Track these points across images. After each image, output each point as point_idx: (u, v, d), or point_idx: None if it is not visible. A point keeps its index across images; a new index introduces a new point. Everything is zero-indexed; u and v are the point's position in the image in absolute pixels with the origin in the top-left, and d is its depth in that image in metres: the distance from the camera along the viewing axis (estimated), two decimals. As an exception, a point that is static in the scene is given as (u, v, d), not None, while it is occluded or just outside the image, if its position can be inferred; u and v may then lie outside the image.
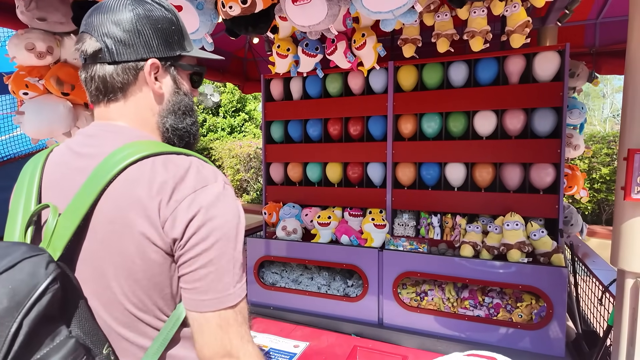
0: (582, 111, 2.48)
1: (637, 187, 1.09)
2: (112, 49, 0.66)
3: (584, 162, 4.50)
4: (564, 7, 2.33)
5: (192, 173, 0.63)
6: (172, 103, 0.74)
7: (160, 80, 0.72)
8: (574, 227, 2.52)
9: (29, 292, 0.50)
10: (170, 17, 0.72)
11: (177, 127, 0.74)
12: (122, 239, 0.61)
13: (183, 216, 0.60)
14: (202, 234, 0.61)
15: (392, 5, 1.32)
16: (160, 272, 0.63)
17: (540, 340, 2.11)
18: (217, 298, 0.62)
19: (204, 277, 0.62)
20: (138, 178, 0.61)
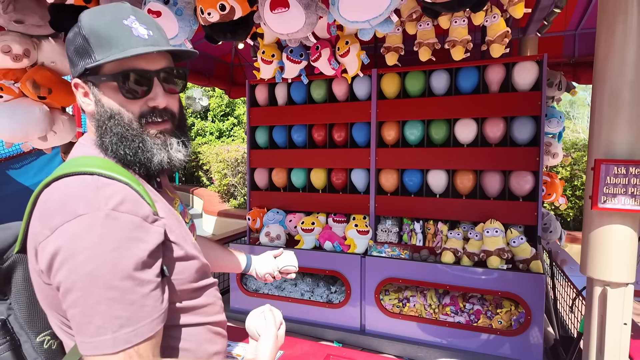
0: (560, 120, 2.53)
1: (604, 196, 1.11)
2: None
3: (565, 169, 4.58)
4: (543, 18, 2.39)
5: (78, 199, 0.58)
6: (96, 119, 0.69)
7: (90, 98, 0.69)
8: (553, 233, 2.56)
9: None
10: (75, 31, 0.67)
11: (103, 143, 0.68)
12: (30, 254, 0.64)
13: (50, 247, 0.57)
14: (63, 272, 0.56)
15: (368, 15, 1.34)
16: (48, 296, 0.63)
17: (520, 346, 2.13)
18: (91, 343, 0.55)
19: (73, 317, 0.57)
20: (40, 199, 0.62)
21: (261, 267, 1.15)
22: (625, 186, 1.12)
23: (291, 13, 1.39)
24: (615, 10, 1.20)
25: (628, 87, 1.18)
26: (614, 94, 1.19)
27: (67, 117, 1.99)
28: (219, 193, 7.12)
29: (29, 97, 1.84)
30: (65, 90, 1.88)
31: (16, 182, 5.71)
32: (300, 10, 1.39)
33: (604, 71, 1.21)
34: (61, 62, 1.90)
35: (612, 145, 1.17)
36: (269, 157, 2.96)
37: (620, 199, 1.13)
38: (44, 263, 0.58)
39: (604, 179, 1.12)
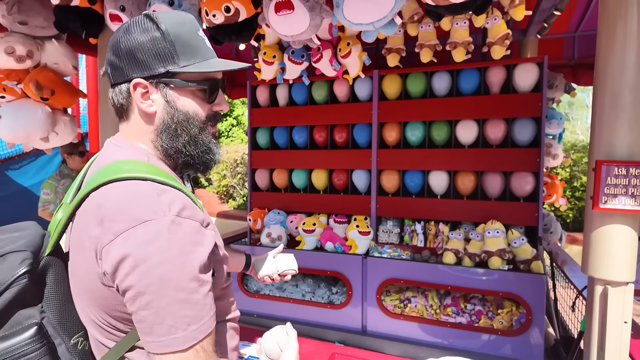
0: (560, 121, 2.54)
1: (605, 197, 1.13)
2: (109, 72, 0.72)
3: (565, 170, 4.60)
4: (543, 20, 2.41)
5: (140, 205, 0.60)
6: (164, 121, 0.72)
7: (152, 99, 0.71)
8: (553, 234, 2.58)
9: (2, 280, 0.62)
10: (154, 35, 0.69)
11: (169, 146, 0.73)
12: (79, 256, 0.67)
13: (116, 251, 0.58)
14: (135, 277, 0.57)
15: (372, 18, 1.35)
16: (104, 297, 0.64)
17: (521, 346, 2.14)
18: (162, 342, 0.58)
19: (144, 319, 0.59)
20: (94, 202, 0.64)
21: (260, 268, 1.17)
22: (626, 187, 1.14)
23: (296, 15, 1.41)
24: (616, 13, 1.21)
25: (628, 90, 1.19)
26: (614, 96, 1.21)
27: (69, 117, 2.00)
28: (218, 194, 7.12)
29: (32, 98, 1.85)
30: (68, 91, 1.89)
31: (15, 182, 5.71)
32: (305, 13, 1.41)
33: (605, 74, 1.22)
34: (64, 63, 1.91)
35: (612, 146, 1.19)
36: (270, 158, 2.97)
37: (620, 200, 1.14)
38: (109, 266, 0.59)
39: (604, 179, 1.14)
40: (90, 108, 4.29)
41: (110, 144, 0.75)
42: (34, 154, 5.14)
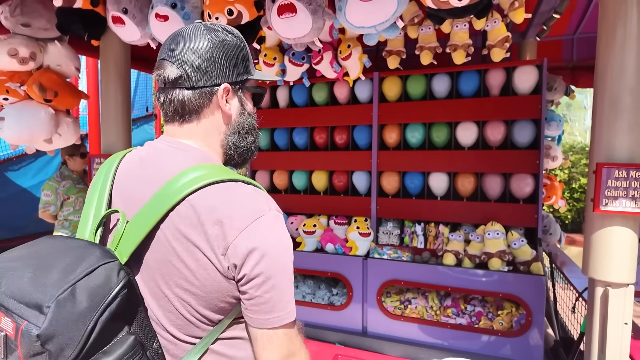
0: (559, 123, 2.56)
1: (605, 199, 1.14)
2: (191, 75, 0.73)
3: (564, 172, 4.62)
4: (542, 23, 2.43)
5: (250, 203, 0.68)
6: (238, 123, 0.79)
7: (229, 102, 0.77)
8: (552, 236, 2.59)
9: (104, 296, 0.59)
10: (239, 43, 0.77)
11: (239, 145, 0.80)
12: (185, 257, 0.67)
13: (244, 245, 0.65)
14: (263, 265, 0.65)
15: (374, 21, 1.36)
16: (217, 290, 0.68)
17: (520, 347, 2.15)
18: (279, 316, 0.68)
19: (268, 300, 0.67)
20: (201, 204, 0.66)
21: None
22: (626, 189, 1.15)
23: (298, 18, 1.42)
24: (616, 16, 1.23)
25: (628, 93, 1.21)
26: (614, 99, 1.22)
27: (72, 119, 2.01)
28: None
29: (35, 99, 1.85)
30: (71, 92, 1.89)
31: (14, 184, 5.70)
32: (308, 16, 1.42)
33: (605, 77, 1.24)
34: (67, 65, 1.91)
35: (613, 149, 1.20)
36: (271, 160, 2.98)
37: (621, 202, 1.16)
38: (238, 259, 0.65)
39: (605, 182, 1.15)
40: (90, 109, 4.29)
41: (173, 147, 0.75)
42: (33, 155, 5.14)
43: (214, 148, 0.79)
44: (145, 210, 0.68)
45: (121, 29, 1.71)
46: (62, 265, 0.60)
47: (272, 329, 0.68)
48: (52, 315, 0.54)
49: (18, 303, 0.56)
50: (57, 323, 0.54)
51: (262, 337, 0.69)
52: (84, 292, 0.57)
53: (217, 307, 0.70)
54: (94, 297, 0.58)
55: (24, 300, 0.56)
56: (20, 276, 0.58)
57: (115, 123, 2.01)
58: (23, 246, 0.65)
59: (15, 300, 0.56)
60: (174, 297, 0.69)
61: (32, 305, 0.55)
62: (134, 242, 0.67)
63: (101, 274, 0.60)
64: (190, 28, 0.75)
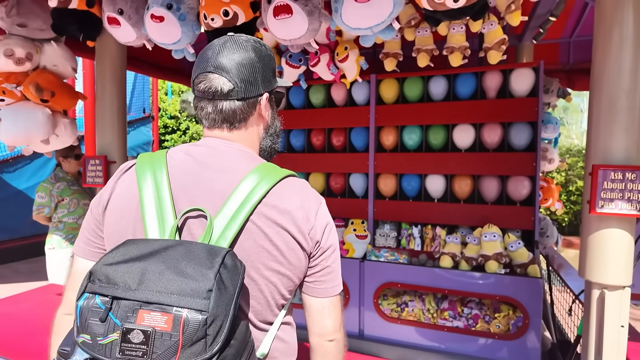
0: (556, 126, 2.56)
1: (601, 201, 1.14)
2: (242, 88, 0.79)
3: (560, 174, 4.63)
4: (539, 26, 2.44)
5: (311, 191, 0.82)
6: (273, 127, 0.89)
7: (267, 109, 0.85)
8: (549, 238, 2.59)
9: (237, 280, 0.63)
10: (271, 54, 0.84)
11: (273, 147, 0.90)
12: (276, 241, 0.74)
13: (320, 224, 0.78)
14: (332, 238, 0.81)
15: (371, 23, 1.36)
16: (300, 267, 0.78)
17: (517, 350, 2.15)
18: (339, 284, 0.82)
19: (335, 268, 0.81)
20: (284, 195, 0.76)
21: None
22: (622, 191, 1.15)
23: (294, 19, 1.41)
24: (612, 19, 1.23)
25: (624, 95, 1.21)
26: (610, 101, 1.22)
27: (69, 120, 2.00)
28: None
29: (31, 100, 1.84)
30: (68, 93, 1.88)
31: (10, 185, 5.67)
32: (304, 17, 1.41)
33: (601, 79, 1.24)
34: (63, 66, 1.90)
35: (609, 151, 1.20)
36: (268, 162, 2.97)
37: (617, 204, 1.15)
38: (318, 236, 0.78)
39: (601, 184, 1.15)
40: (87, 111, 4.27)
41: (234, 149, 0.81)
42: (28, 157, 5.12)
43: (256, 150, 0.87)
44: (230, 204, 0.73)
45: (117, 30, 1.70)
46: (192, 258, 0.62)
47: (335, 296, 0.81)
48: (216, 298, 0.58)
49: (171, 295, 0.57)
50: (218, 307, 0.58)
51: (329, 305, 0.81)
52: (227, 277, 0.61)
53: (292, 287, 0.79)
54: (234, 281, 0.62)
55: (179, 290, 0.58)
56: (158, 271, 0.60)
57: (110, 125, 2.00)
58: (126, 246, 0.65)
59: (167, 293, 0.58)
60: (262, 279, 0.75)
61: (189, 294, 0.57)
62: (230, 235, 0.70)
63: (231, 261, 0.64)
64: (231, 41, 0.80)
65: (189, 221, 0.74)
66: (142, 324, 0.56)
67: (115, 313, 0.57)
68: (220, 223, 0.71)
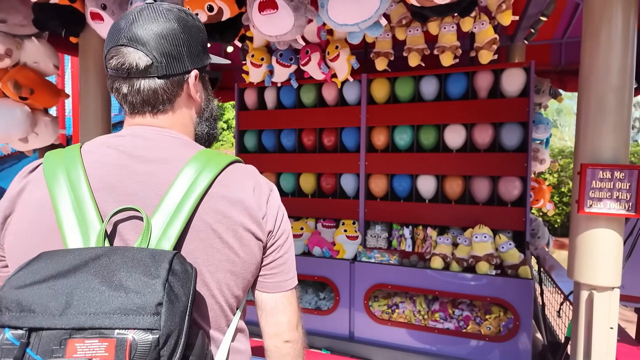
0: (547, 126, 2.56)
1: (590, 200, 1.12)
2: (163, 63, 0.67)
3: (553, 176, 4.64)
4: (530, 26, 2.42)
5: (260, 177, 0.74)
6: (207, 110, 0.78)
7: (198, 90, 0.74)
8: (540, 239, 2.58)
9: (189, 287, 0.54)
10: (200, 25, 0.73)
11: (211, 133, 0.80)
12: (228, 236, 0.66)
13: (272, 212, 0.71)
14: (284, 226, 0.73)
15: (357, 19, 1.33)
16: (254, 263, 0.70)
17: (508, 352, 2.13)
18: (293, 277, 0.75)
19: (288, 259, 0.74)
20: (232, 183, 0.68)
21: None
22: (611, 190, 1.13)
23: (280, 15, 1.38)
24: (601, 17, 1.21)
25: (613, 94, 1.19)
26: (599, 100, 1.20)
27: (50, 118, 1.95)
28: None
29: (10, 97, 1.79)
30: (48, 90, 1.84)
31: (-2, 186, 5.57)
32: (289, 12, 1.38)
33: (590, 78, 1.22)
34: (44, 62, 1.86)
35: (597, 150, 1.18)
36: (258, 162, 2.94)
37: (605, 203, 1.13)
38: (271, 224, 0.70)
39: (589, 183, 1.13)
40: (75, 110, 4.21)
41: (166, 136, 0.71)
42: (16, 156, 5.04)
43: (191, 137, 0.76)
44: (170, 200, 0.62)
45: (100, 26, 1.66)
46: (132, 267, 0.52)
47: (289, 290, 0.74)
48: (167, 312, 0.49)
49: (110, 315, 0.47)
50: (170, 322, 0.49)
51: (283, 300, 0.74)
52: (177, 285, 0.52)
53: (247, 284, 0.72)
54: (186, 289, 0.54)
55: (120, 308, 0.48)
56: (89, 287, 0.49)
57: (94, 124, 1.96)
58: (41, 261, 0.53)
59: (105, 313, 0.47)
60: (214, 282, 0.66)
61: (134, 311, 0.48)
62: (173, 235, 0.60)
63: (180, 266, 0.54)
64: (148, 9, 0.68)
65: (120, 225, 0.62)
66: (74, 356, 0.45)
67: (35, 348, 0.46)
68: (160, 222, 0.60)
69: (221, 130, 9.69)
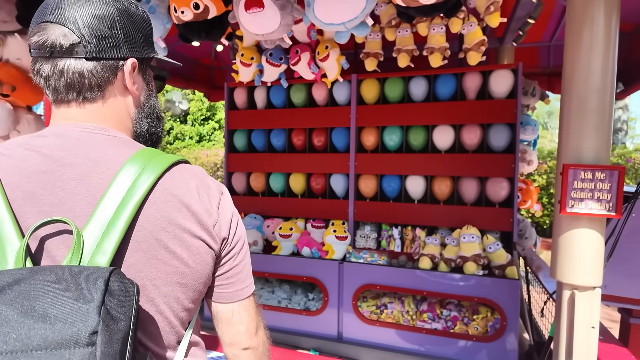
0: (535, 128, 2.58)
1: (572, 201, 1.12)
2: (94, 43, 0.60)
3: (542, 177, 4.69)
4: (518, 28, 2.44)
5: (210, 179, 0.68)
6: (149, 106, 0.71)
7: (136, 82, 0.67)
8: (528, 240, 2.60)
9: (130, 307, 0.48)
10: (146, 16, 0.69)
11: (153, 131, 0.73)
12: (174, 245, 0.60)
13: (225, 217, 0.66)
14: (239, 232, 0.69)
15: (343, 18, 1.33)
16: (206, 273, 0.65)
17: (495, 352, 2.14)
18: (249, 285, 0.71)
19: (245, 267, 0.70)
20: (176, 186, 0.61)
21: None
22: (592, 191, 1.14)
23: (266, 13, 1.38)
24: (583, 19, 1.22)
25: (595, 95, 1.20)
26: (581, 101, 1.21)
27: (33, 116, 1.92)
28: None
29: (-8, 94, 1.76)
30: (31, 88, 1.81)
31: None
32: (276, 11, 1.38)
33: (572, 79, 1.23)
34: (27, 59, 1.82)
35: (579, 150, 1.19)
36: (248, 161, 2.93)
37: (587, 204, 1.14)
38: (224, 231, 0.65)
39: (571, 183, 1.14)
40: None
41: (97, 134, 0.62)
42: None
43: (129, 134, 0.68)
44: (103, 209, 0.54)
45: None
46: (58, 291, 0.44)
47: (246, 299, 0.70)
48: (104, 342, 0.43)
49: (30, 353, 0.40)
50: (108, 352, 0.43)
51: (240, 310, 0.70)
52: (116, 307, 0.46)
53: (198, 295, 0.67)
54: (126, 311, 0.47)
55: (43, 343, 0.41)
56: (7, 321, 0.41)
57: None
58: None
59: (25, 350, 0.40)
60: (161, 297, 0.60)
61: (62, 344, 0.41)
62: (110, 248, 0.53)
63: (118, 284, 0.48)
64: None
65: (48, 241, 0.54)
66: None
67: None
68: (94, 234, 0.53)
69: (213, 130, 9.62)
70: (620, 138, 8.23)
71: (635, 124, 17.49)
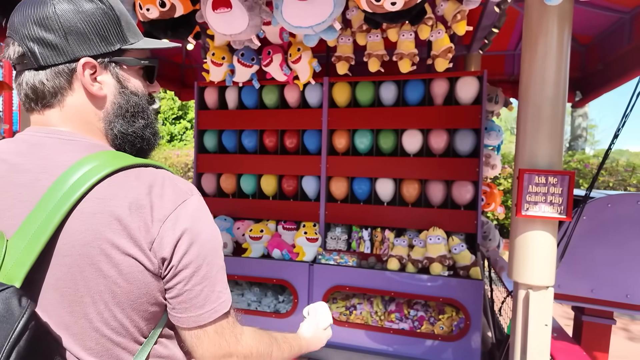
0: (499, 133, 2.68)
1: (527, 204, 1.18)
2: (36, 52, 0.59)
3: (507, 180, 4.87)
4: (484, 37, 2.54)
5: (169, 187, 0.60)
6: (118, 105, 0.66)
7: (100, 81, 0.64)
8: (492, 241, 2.69)
9: (7, 332, 0.44)
10: (102, 7, 0.63)
11: (127, 132, 0.67)
12: (101, 262, 0.55)
13: (170, 235, 0.58)
14: (193, 253, 0.60)
15: (311, 22, 1.34)
16: (146, 292, 0.59)
17: (459, 351, 2.20)
18: (213, 309, 0.63)
19: (200, 292, 0.62)
20: (112, 196, 0.56)
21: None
22: (545, 195, 1.20)
23: (233, 14, 1.37)
24: (538, 31, 1.29)
25: (548, 103, 1.27)
26: (536, 109, 1.28)
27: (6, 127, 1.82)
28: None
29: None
30: None
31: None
32: (244, 12, 1.37)
33: (528, 88, 1.29)
34: None
35: (534, 156, 1.25)
36: (218, 162, 2.88)
37: (540, 207, 1.20)
38: (166, 252, 0.58)
39: (526, 187, 1.19)
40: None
41: (55, 138, 0.61)
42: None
43: (100, 136, 0.66)
44: (34, 218, 0.53)
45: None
46: None
47: (210, 324, 0.63)
48: None
49: None
50: None
51: (203, 336, 0.63)
52: None
53: (148, 313, 0.61)
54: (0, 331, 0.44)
55: None
56: None
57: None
58: None
59: None
60: (96, 315, 0.57)
61: None
62: (28, 261, 0.51)
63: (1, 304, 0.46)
64: None
65: None
66: None
67: None
68: (20, 245, 0.52)
69: (184, 130, 9.43)
70: (580, 144, 8.67)
71: (595, 131, 18.48)
